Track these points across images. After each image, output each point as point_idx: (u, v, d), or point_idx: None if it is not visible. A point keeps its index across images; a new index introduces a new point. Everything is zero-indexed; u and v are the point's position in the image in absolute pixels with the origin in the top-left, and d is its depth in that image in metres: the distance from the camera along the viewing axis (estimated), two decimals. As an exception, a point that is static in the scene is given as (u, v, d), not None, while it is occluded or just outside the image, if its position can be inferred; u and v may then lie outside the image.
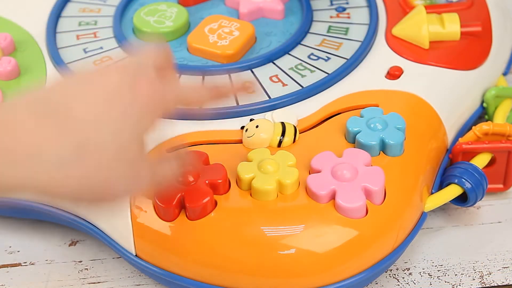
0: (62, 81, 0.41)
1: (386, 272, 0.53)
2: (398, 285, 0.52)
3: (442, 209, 0.56)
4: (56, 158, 0.36)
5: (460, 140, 0.56)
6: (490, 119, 0.59)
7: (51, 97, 0.38)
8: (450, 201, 0.54)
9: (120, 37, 0.62)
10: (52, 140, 0.37)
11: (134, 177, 0.39)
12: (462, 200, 0.54)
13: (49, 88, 0.40)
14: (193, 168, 0.48)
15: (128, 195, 0.41)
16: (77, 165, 0.37)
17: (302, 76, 0.58)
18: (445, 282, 0.52)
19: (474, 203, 0.54)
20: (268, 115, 0.55)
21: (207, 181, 0.48)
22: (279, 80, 0.58)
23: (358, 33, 0.62)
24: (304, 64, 0.59)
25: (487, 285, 0.52)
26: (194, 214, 0.47)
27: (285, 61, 0.60)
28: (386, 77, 0.58)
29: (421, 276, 0.53)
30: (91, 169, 0.37)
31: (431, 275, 0.53)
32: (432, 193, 0.54)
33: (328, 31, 0.63)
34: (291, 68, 0.59)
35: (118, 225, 0.50)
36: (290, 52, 0.60)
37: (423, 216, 0.52)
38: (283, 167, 0.49)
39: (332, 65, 0.59)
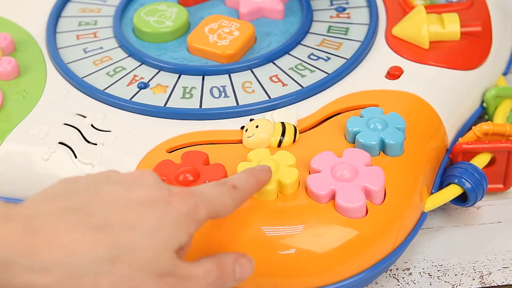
0: (97, 182, 0.40)
1: (386, 272, 0.53)
2: (398, 285, 0.52)
3: (442, 209, 0.56)
4: (90, 266, 0.36)
5: (460, 140, 0.56)
6: (490, 119, 0.59)
7: (88, 201, 0.38)
8: (450, 201, 0.54)
9: (120, 37, 0.62)
10: (87, 247, 0.36)
11: None
12: (462, 200, 0.54)
13: (83, 189, 0.39)
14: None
15: None
16: (109, 274, 0.36)
17: (302, 76, 0.58)
18: (445, 282, 0.52)
19: (474, 203, 0.54)
20: (268, 115, 0.55)
21: (207, 181, 0.48)
22: (279, 80, 0.58)
23: (358, 33, 0.62)
24: (304, 64, 0.59)
25: (487, 285, 0.52)
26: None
27: (285, 61, 0.60)
28: (386, 77, 0.58)
29: (421, 276, 0.53)
30: (121, 278, 0.37)
31: (431, 275, 0.53)
32: (432, 193, 0.54)
33: (328, 31, 0.63)
34: (291, 68, 0.59)
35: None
36: (290, 52, 0.60)
37: (423, 216, 0.52)
38: (283, 167, 0.49)
39: (332, 65, 0.59)
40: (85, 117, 0.56)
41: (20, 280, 0.35)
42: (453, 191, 0.53)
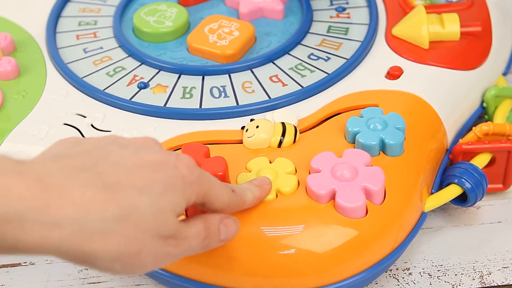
0: (104, 145, 0.40)
1: (386, 272, 0.53)
2: (398, 285, 0.52)
3: (442, 209, 0.56)
4: (99, 223, 0.36)
5: (461, 141, 0.56)
6: (490, 119, 0.59)
7: (97, 160, 0.38)
8: (450, 201, 0.54)
9: (120, 37, 0.62)
10: (97, 205, 0.36)
11: (163, 253, 0.39)
12: (462, 200, 0.54)
13: (91, 149, 0.39)
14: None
15: (152, 269, 0.40)
16: (116, 233, 0.37)
17: (302, 76, 0.58)
18: (445, 282, 0.52)
19: (474, 203, 0.54)
20: (268, 115, 0.55)
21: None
22: (279, 80, 0.58)
23: (358, 33, 0.62)
24: (304, 64, 0.59)
25: (487, 285, 0.52)
26: (196, 211, 0.47)
27: (285, 61, 0.60)
28: (386, 77, 0.58)
29: (421, 276, 0.53)
30: (127, 239, 0.37)
31: (431, 275, 0.53)
32: (432, 193, 0.54)
33: (328, 31, 0.63)
34: (291, 68, 0.59)
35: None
36: (290, 52, 0.60)
37: (423, 216, 0.52)
38: (281, 175, 0.49)
39: (332, 65, 0.59)
40: (85, 117, 0.56)
41: (31, 235, 0.35)
42: (453, 191, 0.53)
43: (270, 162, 0.51)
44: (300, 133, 0.53)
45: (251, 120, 0.54)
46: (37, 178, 0.36)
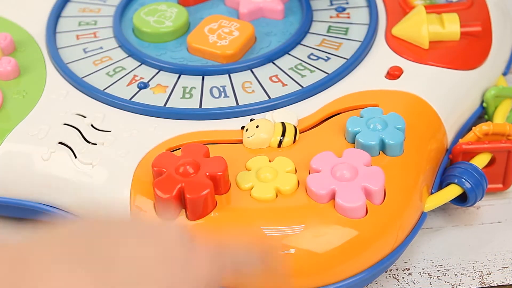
0: (112, 226, 0.34)
1: (386, 272, 0.53)
2: (398, 285, 0.52)
3: (442, 209, 0.56)
4: None
5: (461, 140, 0.56)
6: (490, 119, 0.59)
7: (93, 243, 0.32)
8: (450, 201, 0.54)
9: (120, 37, 0.62)
10: None
11: None
12: (462, 200, 0.54)
13: (92, 230, 0.34)
14: None
15: None
16: None
17: (302, 76, 0.58)
18: (445, 282, 0.52)
19: (474, 203, 0.54)
20: (268, 115, 0.55)
21: (207, 173, 0.48)
22: (279, 80, 0.58)
23: (358, 33, 0.62)
24: (304, 64, 0.59)
25: (487, 285, 0.52)
26: (195, 212, 0.47)
27: (285, 61, 0.60)
28: (386, 77, 0.58)
29: (421, 276, 0.53)
30: None
31: (431, 275, 0.53)
32: (432, 193, 0.54)
33: (328, 31, 0.63)
34: (291, 68, 0.59)
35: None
36: (290, 52, 0.60)
37: (423, 216, 0.52)
38: (281, 173, 0.49)
39: (332, 65, 0.59)
40: (85, 117, 0.56)
41: None
42: (453, 191, 0.53)
43: (270, 161, 0.51)
44: (300, 133, 0.53)
45: (251, 120, 0.54)
46: (14, 255, 0.31)
